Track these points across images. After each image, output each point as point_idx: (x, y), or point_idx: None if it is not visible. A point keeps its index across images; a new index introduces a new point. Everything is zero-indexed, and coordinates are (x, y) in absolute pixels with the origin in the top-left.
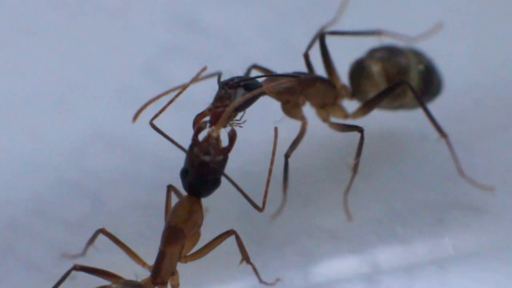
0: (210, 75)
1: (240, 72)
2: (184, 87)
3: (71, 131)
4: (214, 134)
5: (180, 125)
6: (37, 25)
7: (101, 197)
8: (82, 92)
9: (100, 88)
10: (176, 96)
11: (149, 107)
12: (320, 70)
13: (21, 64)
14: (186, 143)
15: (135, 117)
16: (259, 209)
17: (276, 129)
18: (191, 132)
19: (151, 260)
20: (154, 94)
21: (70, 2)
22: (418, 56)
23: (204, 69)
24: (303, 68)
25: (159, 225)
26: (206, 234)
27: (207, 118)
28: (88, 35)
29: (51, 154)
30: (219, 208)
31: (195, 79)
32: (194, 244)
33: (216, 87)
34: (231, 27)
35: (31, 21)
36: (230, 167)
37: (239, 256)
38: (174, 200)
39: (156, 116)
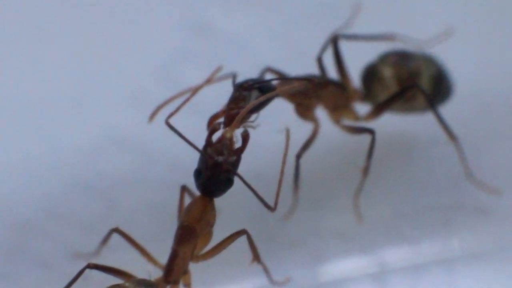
0: (225, 76)
1: (254, 74)
2: (198, 87)
3: (85, 134)
4: (228, 135)
5: (193, 126)
6: (52, 29)
7: (114, 198)
8: (96, 96)
9: (113, 91)
10: (192, 95)
11: (163, 110)
12: (332, 73)
13: (36, 68)
14: (200, 144)
15: (151, 117)
16: (272, 209)
17: (287, 130)
18: (204, 133)
19: (163, 259)
20: (167, 98)
21: (85, 8)
22: (429, 60)
23: (219, 68)
24: (315, 71)
25: (172, 225)
26: (218, 234)
27: (221, 119)
28: (102, 40)
29: (65, 156)
30: (231, 209)
31: (210, 79)
32: (206, 244)
33: (230, 89)
34: (243, 32)
35: (46, 26)
36: (243, 169)
37: (250, 256)
38: (187, 200)
39: (171, 114)
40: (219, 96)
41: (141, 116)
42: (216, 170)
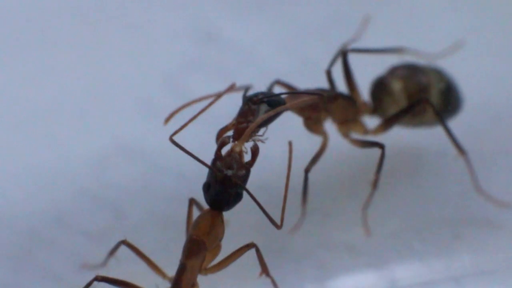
0: (239, 89)
1: (262, 85)
2: (210, 104)
3: (92, 143)
4: (237, 149)
5: (202, 138)
6: (60, 38)
7: (122, 208)
8: (103, 105)
9: (121, 101)
10: (200, 112)
11: (172, 121)
12: (341, 86)
13: (43, 76)
14: (208, 156)
15: (167, 120)
16: (278, 227)
17: (290, 144)
18: (213, 145)
19: (171, 272)
20: (174, 107)
21: (93, 16)
22: (439, 74)
23: (233, 86)
24: (324, 84)
25: (179, 237)
26: (226, 247)
27: (230, 133)
28: (110, 49)
29: (72, 165)
30: (238, 221)
31: (221, 94)
32: (214, 257)
33: (239, 102)
34: (252, 42)
35: (54, 34)
36: (252, 182)
37: (258, 269)
38: (196, 213)
39: (176, 132)
40: (227, 108)
41: (149, 125)
42: (225, 184)
